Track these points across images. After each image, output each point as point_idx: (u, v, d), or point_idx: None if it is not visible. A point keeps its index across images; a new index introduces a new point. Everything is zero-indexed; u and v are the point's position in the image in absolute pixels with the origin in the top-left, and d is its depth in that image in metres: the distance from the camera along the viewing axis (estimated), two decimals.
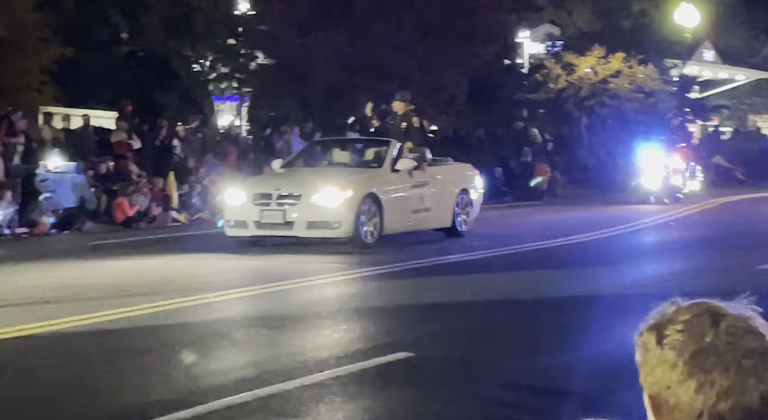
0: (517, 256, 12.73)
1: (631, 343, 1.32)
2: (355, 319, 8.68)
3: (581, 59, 26.90)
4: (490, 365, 7.09)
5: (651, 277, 11.40)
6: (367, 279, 10.86)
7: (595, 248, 13.77)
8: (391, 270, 11.37)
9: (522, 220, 18.03)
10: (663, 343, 1.46)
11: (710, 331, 1.44)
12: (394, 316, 8.77)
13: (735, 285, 10.04)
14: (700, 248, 14.12)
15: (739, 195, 23.18)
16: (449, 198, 14.58)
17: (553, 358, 7.22)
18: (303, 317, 8.83)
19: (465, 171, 15.57)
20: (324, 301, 9.82)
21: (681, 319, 1.46)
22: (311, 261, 12.20)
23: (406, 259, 12.11)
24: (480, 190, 15.51)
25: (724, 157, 28.83)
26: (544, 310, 9.16)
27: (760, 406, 1.42)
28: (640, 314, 5.31)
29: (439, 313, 8.98)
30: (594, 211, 19.48)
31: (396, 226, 13.61)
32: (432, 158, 15.04)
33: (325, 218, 12.94)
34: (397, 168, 13.93)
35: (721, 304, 1.49)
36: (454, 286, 10.48)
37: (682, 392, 1.42)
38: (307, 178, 13.68)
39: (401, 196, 13.81)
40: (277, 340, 7.97)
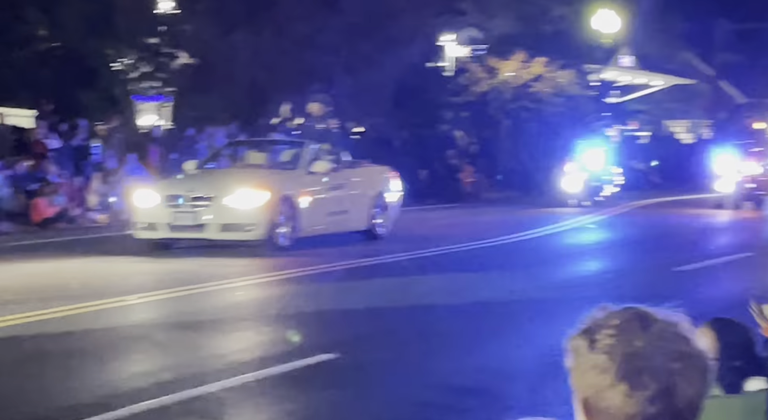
0: (437, 259, 12.73)
1: (553, 344, 1.35)
2: (276, 321, 8.61)
3: (504, 63, 27.22)
4: (415, 366, 7.12)
5: (572, 278, 11.59)
6: (284, 282, 10.75)
7: (517, 250, 13.93)
8: (307, 273, 11.27)
9: (445, 222, 18.12)
10: (594, 347, 1.47)
11: (640, 335, 1.46)
12: (315, 319, 8.73)
13: (654, 286, 10.28)
14: (619, 250, 14.42)
15: (655, 198, 23.74)
16: (366, 200, 14.46)
17: (477, 360, 7.28)
18: (223, 320, 8.73)
19: (382, 173, 15.47)
20: (242, 304, 9.72)
21: (612, 324, 1.48)
22: (225, 264, 12.01)
23: (322, 263, 11.94)
24: (398, 192, 15.42)
25: (641, 161, 29.48)
26: (467, 312, 9.21)
27: (689, 409, 1.45)
28: (562, 315, 5.47)
29: (360, 315, 8.95)
30: (516, 213, 19.73)
31: (312, 228, 13.42)
32: (349, 160, 14.98)
33: (238, 220, 12.72)
34: (313, 170, 13.79)
35: (651, 310, 1.51)
36: (374, 289, 10.45)
37: (613, 396, 1.44)
38: (221, 180, 13.47)
39: (317, 199, 13.65)
40: (199, 342, 7.88)
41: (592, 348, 1.48)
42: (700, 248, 14.70)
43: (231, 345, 7.88)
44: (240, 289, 10.42)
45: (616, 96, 32.32)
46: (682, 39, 37.28)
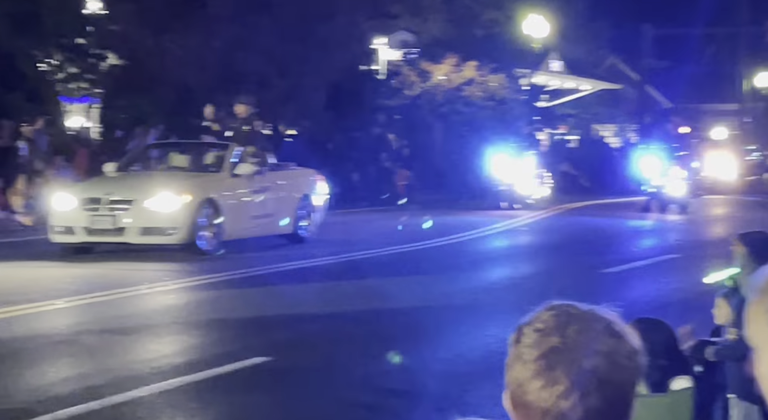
0: (363, 262, 12.58)
1: (483, 345, 1.36)
2: (205, 326, 8.51)
3: (436, 67, 27.39)
4: (345, 369, 7.13)
5: (503, 280, 11.72)
6: (207, 287, 10.58)
7: (447, 253, 14.01)
8: (231, 277, 11.09)
9: (375, 225, 18.15)
10: (520, 341, 1.50)
11: (562, 331, 1.48)
12: (241, 324, 8.63)
13: (583, 287, 10.43)
14: (549, 252, 14.61)
15: (584, 201, 24.12)
16: (291, 203, 14.32)
17: (409, 361, 7.31)
18: (150, 325, 8.60)
19: (308, 176, 15.35)
20: (167, 309, 9.57)
21: (541, 319, 1.51)
22: (147, 269, 11.73)
23: (246, 267, 11.80)
24: (324, 195, 15.33)
25: (571, 165, 29.94)
26: (393, 315, 9.21)
27: (604, 406, 1.46)
28: (494, 316, 5.53)
29: (285, 319, 8.86)
30: (448, 216, 19.86)
31: (235, 232, 13.23)
32: (274, 163, 14.83)
33: (159, 224, 12.48)
34: (237, 172, 13.56)
35: (583, 307, 1.53)
36: (297, 293, 10.32)
37: (532, 389, 1.46)
38: (141, 183, 13.23)
39: (241, 202, 13.47)
40: (127, 347, 7.76)
41: (518, 342, 1.50)
42: (628, 250, 14.99)
43: (160, 349, 7.78)
44: (163, 293, 10.27)
45: (546, 100, 32.77)
46: (609, 44, 37.98)
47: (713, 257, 13.11)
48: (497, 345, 7.23)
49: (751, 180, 32.11)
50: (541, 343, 1.48)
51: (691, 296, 9.52)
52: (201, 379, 6.65)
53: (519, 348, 1.49)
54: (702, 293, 9.41)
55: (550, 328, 1.49)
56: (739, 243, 4.52)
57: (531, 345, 1.48)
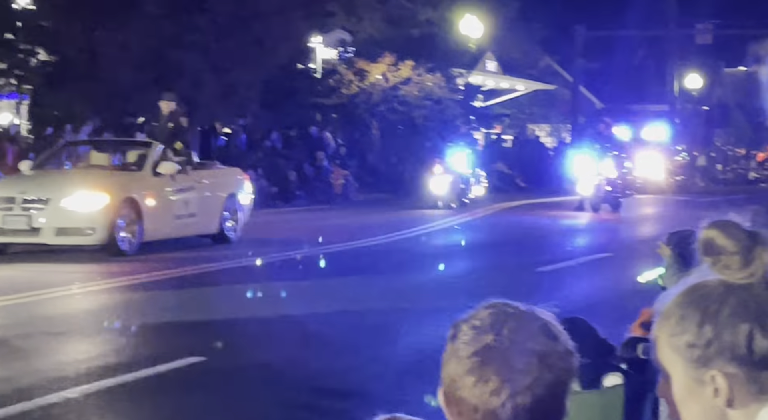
0: (294, 262, 12.25)
1: (418, 343, 1.36)
2: (131, 328, 8.29)
3: (372, 66, 27.43)
4: (282, 370, 7.09)
5: (438, 279, 11.78)
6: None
7: (382, 252, 14.02)
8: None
9: (309, 224, 18.04)
10: (456, 337, 1.51)
11: (497, 329, 1.49)
12: (170, 325, 8.46)
13: (517, 286, 10.53)
14: (484, 251, 14.73)
15: (519, 200, 24.38)
16: (216, 203, 14.03)
17: (347, 361, 7.31)
18: (75, 327, 8.41)
19: (233, 175, 15.06)
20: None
21: (478, 317, 1.52)
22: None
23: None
24: (250, 194, 15.11)
25: (506, 164, 30.23)
26: (330, 315, 9.18)
27: (535, 405, 1.47)
28: (429, 315, 5.54)
29: (217, 321, 8.72)
30: (384, 215, 19.89)
31: (157, 232, 12.95)
32: (199, 162, 14.58)
33: (77, 224, 12.13)
34: (159, 171, 13.20)
35: (520, 307, 1.54)
36: (226, 293, 10.14)
37: (464, 386, 1.47)
38: (58, 181, 12.79)
39: (163, 201, 13.12)
40: (56, 348, 7.62)
41: (455, 338, 1.51)
42: (561, 249, 15.19)
43: (89, 350, 7.64)
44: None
45: (482, 100, 33.05)
46: (543, 45, 38.46)
47: (644, 256, 13.38)
48: (433, 343, 7.24)
49: (679, 180, 32.82)
50: (476, 340, 1.49)
51: (623, 294, 9.68)
52: (132, 380, 6.55)
53: (455, 344, 1.50)
54: (634, 291, 9.58)
55: (486, 326, 1.50)
56: (665, 243, 4.59)
57: (467, 342, 1.49)
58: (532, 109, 39.03)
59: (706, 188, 34.77)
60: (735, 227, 1.41)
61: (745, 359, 1.37)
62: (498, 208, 22.19)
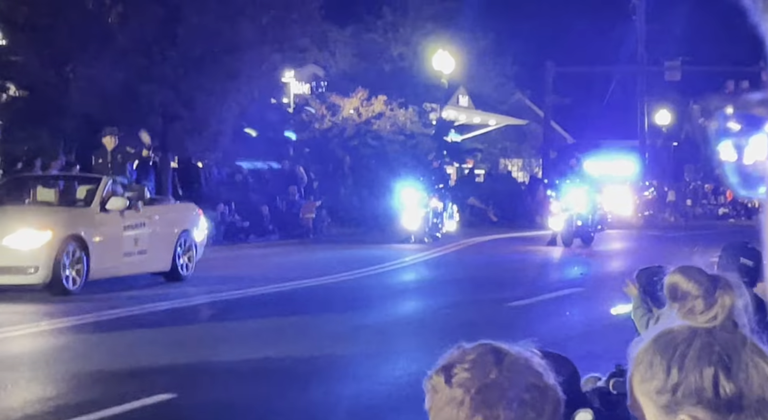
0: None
1: (391, 379, 1.32)
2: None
3: (345, 100, 27.52)
4: (248, 407, 6.99)
5: (411, 314, 11.72)
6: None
7: (355, 287, 13.94)
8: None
9: (278, 259, 17.84)
10: (451, 382, 1.51)
11: (494, 368, 1.51)
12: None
13: (489, 320, 10.50)
14: (456, 286, 14.70)
15: (492, 235, 24.42)
16: (169, 239, 13.70)
17: (317, 396, 7.22)
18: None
19: (187, 210, 14.84)
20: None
21: (467, 359, 1.53)
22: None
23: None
24: (204, 230, 14.85)
25: (478, 199, 30.33)
26: (301, 351, 9.10)
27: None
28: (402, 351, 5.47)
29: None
30: (356, 249, 19.84)
31: (105, 270, 12.62)
32: (152, 197, 14.37)
33: (17, 263, 11.72)
34: (108, 207, 12.88)
35: (504, 345, 1.57)
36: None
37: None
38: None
39: (111, 238, 12.79)
40: (20, 386, 7.44)
41: (449, 383, 1.52)
42: (534, 284, 15.18)
43: (42, 391, 7.34)
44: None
45: (454, 135, 33.21)
46: (515, 80, 38.81)
47: (616, 291, 13.39)
48: (406, 379, 7.19)
49: (648, 215, 33.07)
50: (476, 381, 1.50)
51: (594, 329, 9.66)
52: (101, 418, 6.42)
53: (451, 388, 1.51)
54: (606, 326, 9.56)
55: (482, 366, 1.52)
56: (633, 281, 4.57)
57: (465, 384, 1.50)
58: (504, 144, 39.28)
59: (676, 223, 35.03)
60: (697, 272, 1.46)
61: (711, 403, 1.39)
62: (470, 243, 22.21)
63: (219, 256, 17.72)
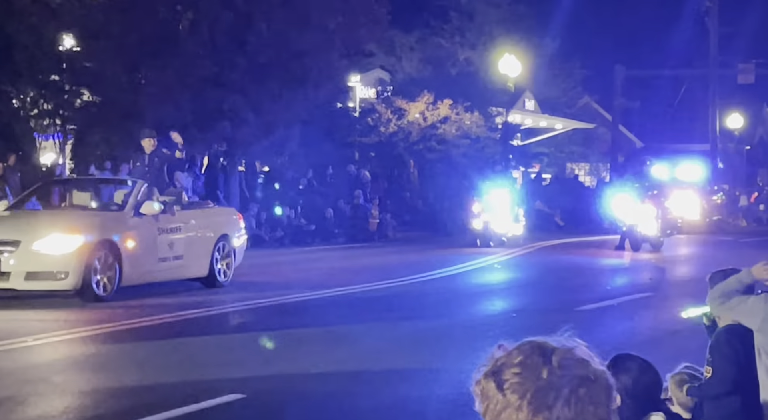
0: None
1: (456, 382, 1.33)
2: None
3: (411, 105, 27.54)
4: (320, 413, 7.04)
5: (478, 317, 11.67)
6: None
7: (423, 291, 13.93)
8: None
9: (339, 264, 17.81)
10: (503, 388, 1.49)
11: (545, 368, 1.49)
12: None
13: (556, 324, 10.36)
14: (523, 290, 14.61)
15: (558, 239, 24.19)
16: (206, 245, 13.25)
17: (382, 400, 7.25)
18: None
19: (226, 215, 14.45)
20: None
21: (515, 362, 1.51)
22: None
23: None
24: (243, 235, 14.37)
25: (544, 203, 30.07)
26: (361, 354, 9.15)
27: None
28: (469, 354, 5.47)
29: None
30: (422, 253, 19.83)
31: (139, 276, 12.17)
32: (190, 201, 13.92)
33: (48, 268, 11.36)
34: (142, 212, 12.42)
35: (547, 340, 1.55)
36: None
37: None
38: (31, 222, 12.08)
39: (144, 243, 12.30)
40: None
41: (501, 389, 1.50)
42: (602, 288, 15.01)
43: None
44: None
45: (520, 138, 32.99)
46: (583, 84, 38.42)
47: (685, 295, 13.18)
48: (471, 383, 7.13)
49: (716, 220, 32.43)
50: (529, 384, 1.48)
51: (664, 334, 9.53)
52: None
53: (505, 395, 1.49)
54: (674, 332, 9.42)
55: (532, 367, 1.50)
56: (709, 281, 4.54)
57: (519, 389, 1.48)
58: (570, 148, 38.89)
59: (748, 228, 34.27)
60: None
61: None
62: (537, 247, 22.04)
63: (277, 259, 17.85)
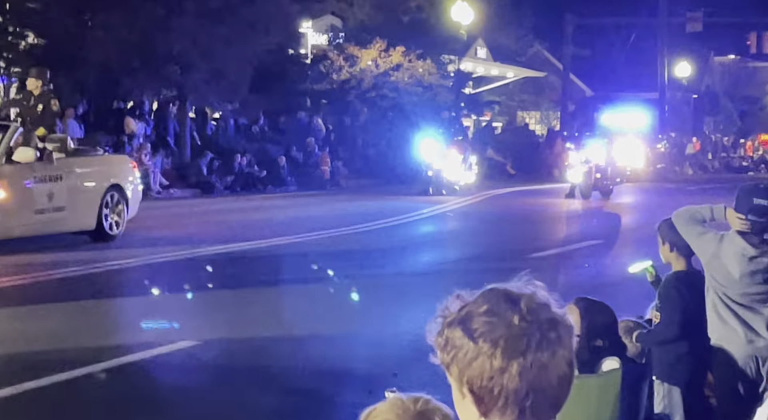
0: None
1: (414, 329, 1.33)
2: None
3: (363, 52, 27.32)
4: (259, 358, 7.05)
5: (430, 265, 11.74)
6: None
7: (376, 238, 13.95)
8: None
9: (295, 211, 17.91)
10: (474, 336, 1.48)
11: (515, 314, 1.48)
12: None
13: (511, 271, 10.46)
14: (476, 238, 14.71)
15: (510, 187, 24.36)
16: (93, 195, 12.20)
17: (334, 347, 7.28)
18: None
19: (118, 163, 13.24)
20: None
21: (482, 310, 1.50)
22: None
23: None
24: (138, 185, 13.33)
25: (496, 151, 30.21)
26: (312, 303, 9.18)
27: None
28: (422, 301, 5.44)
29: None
30: (374, 201, 19.84)
31: (11, 230, 11.14)
32: (75, 148, 12.66)
33: None
34: (15, 159, 11.27)
35: (508, 286, 1.54)
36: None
37: (506, 379, 1.47)
38: None
39: (18, 193, 11.27)
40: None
41: (472, 337, 1.49)
42: (554, 236, 15.19)
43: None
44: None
45: (471, 87, 32.97)
46: (533, 32, 38.40)
47: (635, 243, 13.39)
48: (424, 330, 7.17)
49: (660, 168, 32.91)
50: (501, 331, 1.48)
51: (615, 281, 9.68)
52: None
53: (476, 343, 1.48)
54: (624, 278, 9.58)
55: (501, 314, 1.49)
56: (658, 230, 4.59)
57: (491, 336, 1.48)
58: (521, 96, 39.03)
59: (695, 176, 34.83)
60: None
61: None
62: (489, 195, 22.17)
63: (234, 206, 17.80)
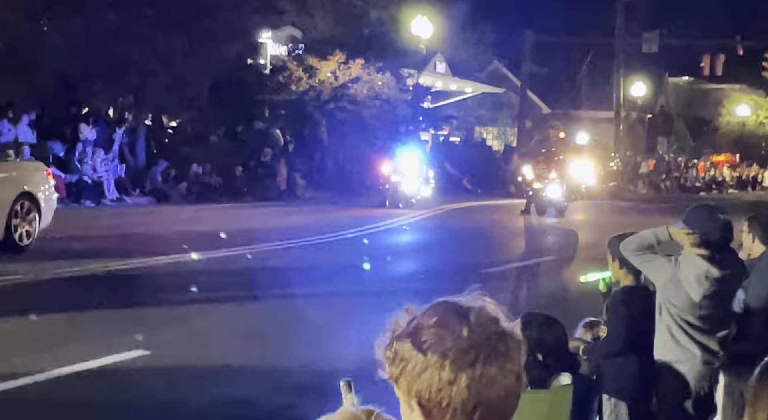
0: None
1: (369, 343, 1.32)
2: None
3: (322, 63, 27.32)
4: (209, 375, 7.01)
5: (385, 278, 11.73)
6: None
7: (329, 252, 13.92)
8: None
9: (251, 221, 17.85)
10: (423, 349, 1.48)
11: (463, 327, 1.49)
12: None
13: (462, 287, 10.50)
14: (430, 252, 14.74)
15: (465, 202, 24.47)
16: (1, 203, 11.54)
17: (291, 361, 7.25)
18: None
19: (31, 170, 12.51)
20: None
21: (431, 323, 1.50)
22: None
23: None
24: (53, 194, 12.66)
25: (453, 166, 30.34)
26: (261, 316, 9.13)
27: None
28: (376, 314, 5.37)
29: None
30: (330, 213, 19.80)
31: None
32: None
33: None
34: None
35: (457, 299, 1.54)
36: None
37: (454, 391, 1.47)
38: None
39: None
40: None
41: (421, 349, 1.49)
42: (508, 251, 15.27)
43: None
44: None
45: (430, 101, 33.10)
46: (493, 49, 38.70)
47: (588, 260, 13.51)
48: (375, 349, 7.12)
49: (612, 186, 33.33)
50: (450, 343, 1.48)
51: (567, 297, 9.75)
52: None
53: (425, 355, 1.47)
54: (578, 295, 9.65)
55: (450, 327, 1.49)
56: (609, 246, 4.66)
57: (440, 348, 1.47)
58: (479, 112, 39.25)
59: (648, 195, 35.28)
60: None
61: None
62: (445, 209, 22.25)
63: (184, 216, 17.64)
